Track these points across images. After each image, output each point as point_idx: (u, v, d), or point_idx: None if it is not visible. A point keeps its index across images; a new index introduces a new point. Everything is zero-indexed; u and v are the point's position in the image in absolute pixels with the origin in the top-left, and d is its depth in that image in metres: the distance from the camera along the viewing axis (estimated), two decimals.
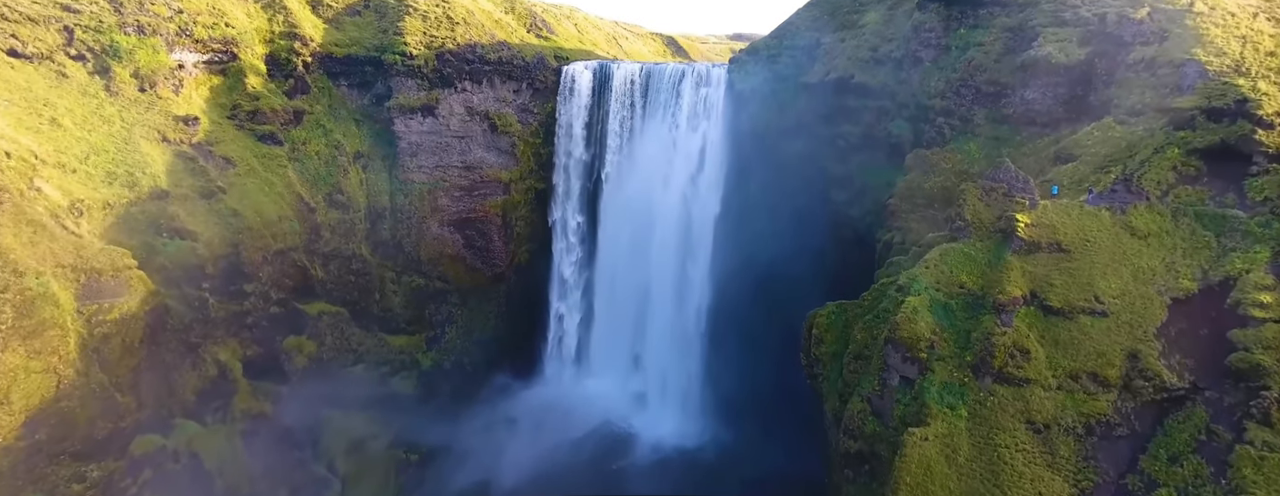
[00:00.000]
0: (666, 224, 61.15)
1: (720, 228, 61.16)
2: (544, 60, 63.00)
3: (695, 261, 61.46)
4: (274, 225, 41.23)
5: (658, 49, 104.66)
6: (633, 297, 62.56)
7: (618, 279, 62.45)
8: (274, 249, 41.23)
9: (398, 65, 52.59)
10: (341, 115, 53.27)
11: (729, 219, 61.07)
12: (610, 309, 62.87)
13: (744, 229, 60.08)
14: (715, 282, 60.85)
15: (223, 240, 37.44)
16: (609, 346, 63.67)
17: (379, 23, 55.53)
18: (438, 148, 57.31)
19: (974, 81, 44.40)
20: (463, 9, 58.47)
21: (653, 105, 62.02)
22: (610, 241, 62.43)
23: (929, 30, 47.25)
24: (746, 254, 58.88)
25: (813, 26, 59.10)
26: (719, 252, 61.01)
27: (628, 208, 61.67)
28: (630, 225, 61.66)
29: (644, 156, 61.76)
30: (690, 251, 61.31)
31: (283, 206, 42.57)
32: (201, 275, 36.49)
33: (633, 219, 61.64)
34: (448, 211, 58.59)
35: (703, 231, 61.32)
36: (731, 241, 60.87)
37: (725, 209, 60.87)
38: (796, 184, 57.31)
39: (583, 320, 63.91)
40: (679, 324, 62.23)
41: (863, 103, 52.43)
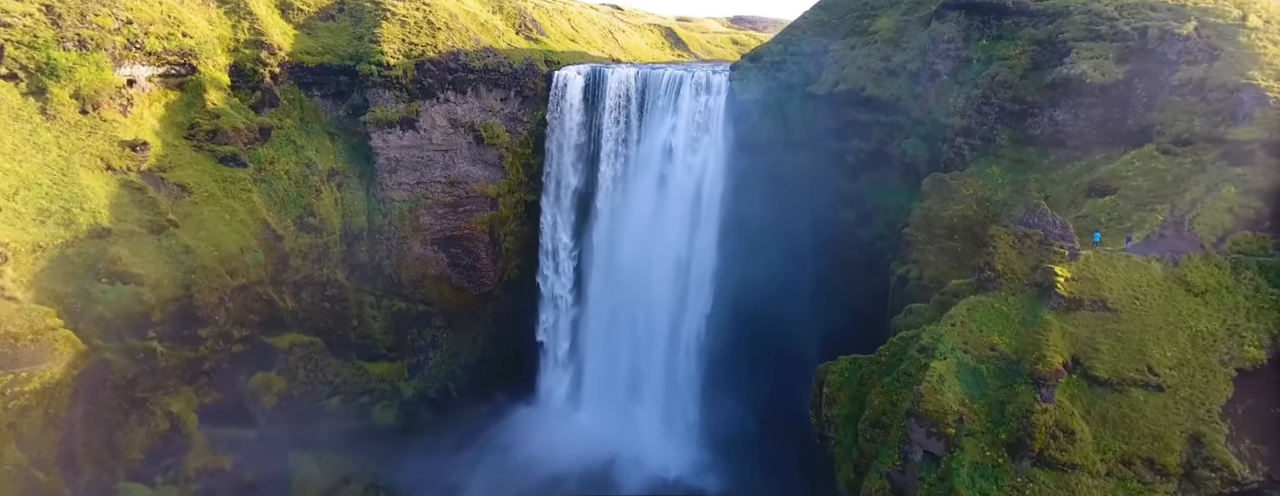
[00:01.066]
0: (664, 242, 57.67)
1: (722, 245, 57.73)
2: (533, 66, 59.19)
3: (695, 281, 58.11)
4: (235, 259, 37.65)
5: (655, 41, 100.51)
6: (629, 319, 59.25)
7: (613, 300, 59.06)
8: (234, 285, 37.71)
9: (373, 76, 48.82)
10: (314, 129, 49.53)
11: (731, 236, 57.63)
12: (605, 331, 59.56)
13: (746, 247, 56.68)
14: (716, 305, 57.59)
15: (173, 281, 33.87)
16: (604, 371, 60.43)
17: (354, 28, 51.60)
18: (419, 163, 53.66)
19: (997, 99, 40.80)
20: (445, 12, 54.54)
21: (649, 115, 58.29)
22: (605, 260, 58.97)
23: (948, 41, 43.54)
24: (749, 274, 55.56)
25: (820, 31, 55.30)
26: (720, 272, 57.66)
27: (623, 225, 58.21)
28: (626, 243, 58.20)
29: (641, 170, 58.19)
30: (690, 271, 57.92)
31: (246, 236, 39.00)
32: (147, 322, 32.89)
33: (629, 237, 58.19)
34: (431, 230, 55.06)
35: (703, 249, 57.87)
36: (733, 260, 57.48)
37: (726, 225, 57.40)
38: (802, 200, 53.83)
39: (575, 343, 60.66)
40: (677, 348, 58.99)
41: (874, 117, 48.80)
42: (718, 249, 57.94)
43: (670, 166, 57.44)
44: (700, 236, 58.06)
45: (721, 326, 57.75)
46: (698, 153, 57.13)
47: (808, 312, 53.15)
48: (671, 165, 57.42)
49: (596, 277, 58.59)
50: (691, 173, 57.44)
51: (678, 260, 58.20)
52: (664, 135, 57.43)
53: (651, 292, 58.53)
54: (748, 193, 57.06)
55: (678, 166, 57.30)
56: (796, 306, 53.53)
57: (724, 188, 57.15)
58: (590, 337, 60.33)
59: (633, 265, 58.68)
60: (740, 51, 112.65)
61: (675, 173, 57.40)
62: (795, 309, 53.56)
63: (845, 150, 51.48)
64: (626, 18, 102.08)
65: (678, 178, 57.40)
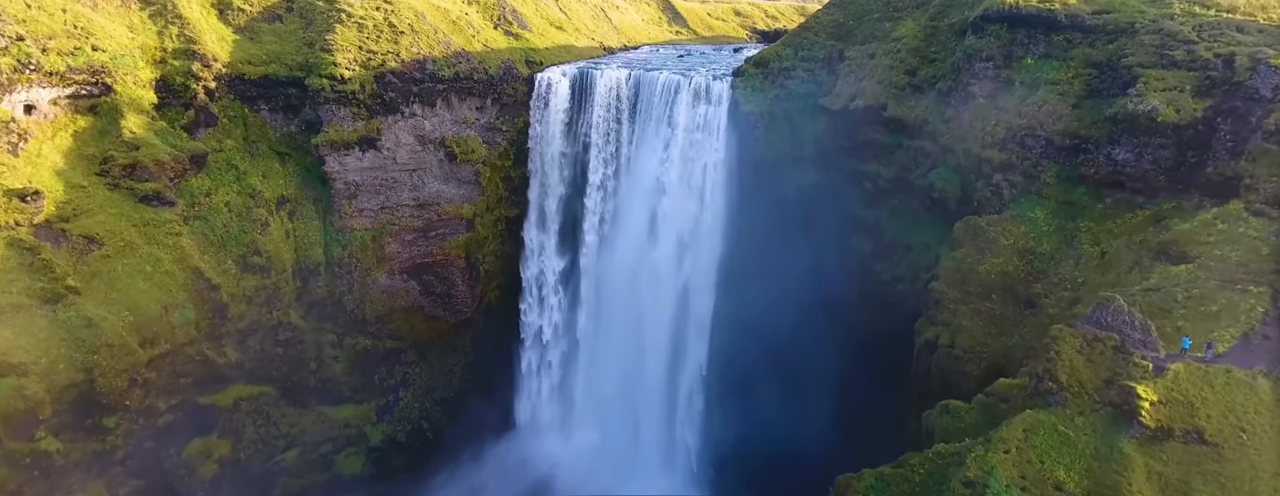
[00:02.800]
0: (661, 267, 52.38)
1: (723, 272, 52.54)
2: (512, 69, 52.87)
3: (695, 311, 52.99)
4: (155, 323, 32.20)
5: (652, 15, 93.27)
6: (622, 350, 54.23)
7: (604, 333, 54.00)
8: (155, 355, 32.24)
9: (326, 91, 42.64)
10: (260, 151, 43.54)
11: (732, 261, 52.28)
12: (596, 365, 54.70)
13: (750, 273, 51.38)
14: (716, 336, 52.57)
15: (70, 365, 28.12)
16: (595, 404, 55.74)
17: (304, 32, 45.11)
18: (382, 185, 47.85)
19: (1043, 130, 35.05)
20: (410, 11, 47.92)
21: (643, 125, 52.27)
22: (594, 290, 53.74)
23: (985, 59, 37.50)
24: (753, 303, 50.46)
25: (834, 34, 49.03)
26: (722, 301, 52.59)
27: (614, 251, 52.81)
28: (619, 269, 52.90)
29: (633, 190, 52.50)
30: (689, 300, 52.76)
31: (171, 291, 33.53)
32: (35, 420, 27.59)
33: (621, 263, 52.86)
34: (398, 259, 49.57)
35: (703, 277, 52.68)
36: (736, 288, 52.32)
37: (727, 251, 52.02)
38: (812, 224, 48.31)
39: (564, 379, 55.81)
40: (674, 381, 54.20)
41: (896, 140, 42.99)
42: (718, 275, 52.66)
43: (666, 186, 51.70)
44: (699, 262, 52.66)
45: (725, 357, 52.98)
46: (696, 170, 51.34)
47: (818, 346, 48.17)
48: (667, 184, 51.70)
49: (585, 310, 53.43)
50: (689, 193, 51.72)
51: (674, 286, 52.95)
52: (658, 150, 51.53)
53: (646, 323, 53.45)
54: (751, 214, 51.53)
55: (674, 186, 51.52)
56: (806, 339, 48.55)
57: (725, 208, 51.61)
58: (581, 372, 55.47)
59: (626, 292, 53.46)
60: (742, 24, 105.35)
61: (671, 192, 51.63)
62: (804, 342, 48.59)
63: (862, 173, 45.80)
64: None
65: (674, 198, 51.65)
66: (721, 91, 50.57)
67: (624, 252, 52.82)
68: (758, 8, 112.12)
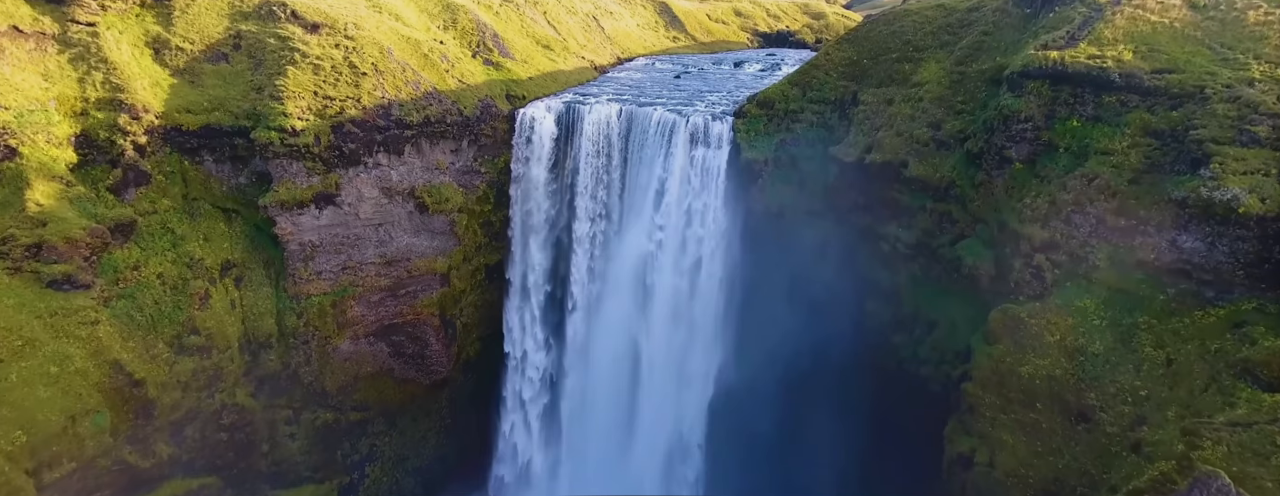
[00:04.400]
0: (655, 325, 47.87)
1: (722, 331, 48.06)
2: (491, 106, 47.92)
3: (692, 372, 48.57)
4: (57, 439, 27.25)
5: (649, 20, 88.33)
6: (612, 413, 49.80)
7: (594, 393, 49.45)
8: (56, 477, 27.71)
9: (275, 145, 37.78)
10: (202, 210, 38.56)
11: (733, 321, 47.89)
12: (584, 427, 50.15)
13: (752, 334, 47.06)
14: (716, 401, 48.14)
15: None
16: (583, 471, 51.34)
17: (253, 74, 40.00)
18: (343, 244, 42.94)
19: (1094, 207, 30.55)
20: (374, 48, 42.85)
21: (635, 168, 47.52)
22: (584, 348, 49.14)
23: (1024, 120, 32.90)
24: (755, 366, 46.18)
25: (846, 74, 44.34)
26: (721, 364, 48.15)
27: (606, 307, 48.19)
28: (610, 328, 48.35)
29: (625, 239, 47.87)
30: (686, 360, 48.31)
31: (82, 395, 28.70)
32: None
33: (613, 320, 48.27)
34: (363, 323, 44.69)
35: (701, 335, 48.15)
36: (736, 349, 47.93)
37: (728, 308, 47.54)
38: (822, 284, 43.80)
39: (550, 440, 51.25)
40: (669, 447, 49.86)
41: (919, 201, 38.44)
42: (717, 334, 48.30)
43: (660, 235, 47.18)
44: (696, 319, 48.14)
45: (724, 426, 48.58)
46: (692, 219, 46.75)
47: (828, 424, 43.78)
48: (661, 234, 47.12)
49: (573, 374, 48.85)
50: (685, 243, 47.17)
51: (669, 344, 48.55)
52: (652, 196, 46.93)
53: (639, 384, 49.11)
54: (754, 269, 47.03)
55: (669, 236, 46.97)
56: (815, 413, 44.16)
57: (725, 262, 46.99)
58: (566, 437, 50.95)
59: (618, 351, 48.96)
60: (743, 26, 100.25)
61: (666, 243, 47.06)
62: (814, 416, 44.19)
63: (878, 234, 41.25)
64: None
65: (669, 249, 47.12)
66: (721, 133, 45.91)
67: (615, 309, 48.25)
68: (759, 6, 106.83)
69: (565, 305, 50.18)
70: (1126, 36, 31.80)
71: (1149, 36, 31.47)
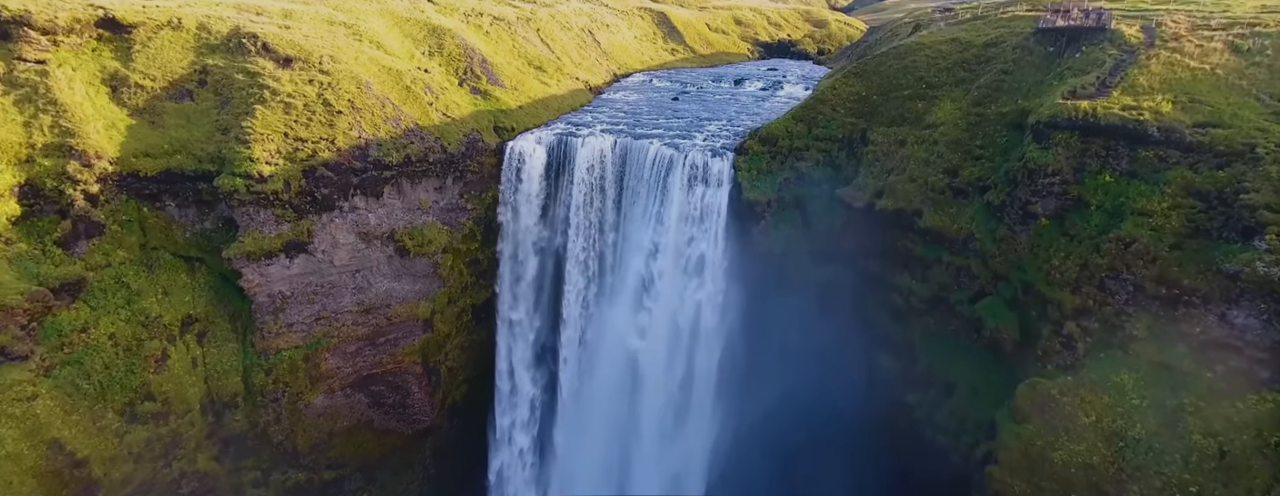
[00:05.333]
0: (651, 384, 45.08)
1: (723, 377, 45.35)
2: (478, 141, 45.15)
3: (691, 422, 45.85)
4: None
5: (646, 31, 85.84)
6: (606, 465, 47.11)
7: (588, 444, 46.73)
8: None
9: (241, 193, 35.09)
10: (161, 260, 35.75)
11: (734, 367, 45.19)
12: (577, 479, 47.40)
13: (755, 380, 44.39)
14: (717, 451, 45.40)
15: None
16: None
17: (219, 113, 37.21)
18: (317, 293, 40.16)
19: (1131, 274, 27.98)
20: (351, 83, 40.07)
21: (630, 206, 44.83)
22: (577, 398, 46.45)
23: (1051, 174, 30.32)
24: (757, 414, 43.54)
25: (855, 110, 41.68)
26: (722, 411, 45.45)
27: (601, 355, 45.48)
28: (605, 377, 45.64)
29: (620, 281, 45.17)
30: (687, 409, 45.60)
31: (10, 486, 25.74)
32: None
33: (608, 368, 45.56)
34: (339, 375, 41.87)
35: (701, 381, 45.41)
36: (738, 396, 45.23)
37: (729, 354, 44.84)
38: (828, 331, 41.15)
39: (542, 491, 48.51)
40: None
41: (934, 253, 35.82)
42: (718, 380, 45.59)
43: (657, 278, 44.41)
44: (696, 365, 45.44)
45: (725, 479, 45.88)
46: (691, 262, 44.06)
47: (835, 480, 41.14)
48: (658, 277, 44.39)
49: (564, 426, 46.12)
50: (684, 286, 44.48)
51: (667, 391, 45.84)
52: (648, 236, 44.20)
53: (637, 435, 46.38)
54: (756, 314, 44.29)
55: (666, 279, 44.26)
56: (822, 473, 41.58)
57: (725, 306, 44.28)
58: (557, 488, 48.16)
59: (613, 400, 46.24)
60: (743, 36, 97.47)
61: (664, 286, 44.36)
62: (821, 475, 41.63)
63: (891, 284, 38.62)
64: (613, 0, 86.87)
65: (667, 293, 44.43)
66: (721, 171, 43.19)
67: (610, 357, 45.54)
68: (760, 14, 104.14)
69: (557, 343, 47.52)
70: (1164, 84, 29.29)
71: (1189, 85, 28.97)
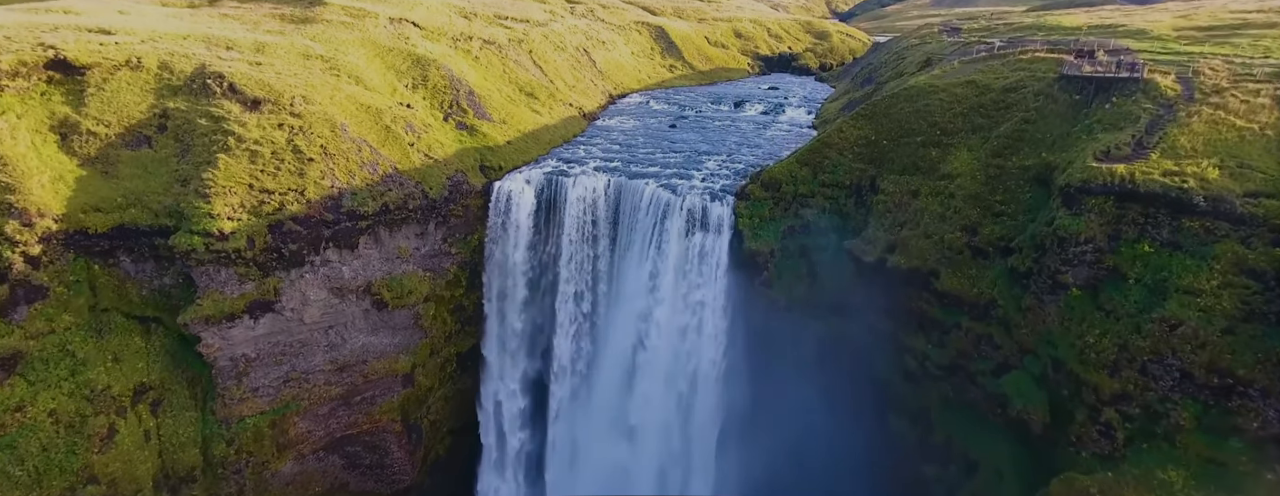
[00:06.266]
0: (647, 433, 42.43)
1: (723, 437, 42.66)
2: (462, 183, 42.35)
3: (689, 487, 43.05)
4: None
5: (644, 46, 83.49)
6: None
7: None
8: None
9: (199, 252, 32.20)
10: (113, 323, 32.90)
11: (735, 427, 42.49)
12: None
13: (757, 442, 41.64)
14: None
15: None
16: None
17: (179, 161, 34.38)
18: (285, 353, 37.30)
19: (1177, 359, 25.32)
20: (324, 128, 37.27)
21: (624, 253, 42.26)
22: (569, 455, 43.68)
23: (1083, 242, 27.75)
24: (760, 479, 40.89)
25: (864, 156, 38.99)
26: (722, 474, 42.71)
27: (592, 414, 42.74)
28: (597, 434, 42.88)
29: (614, 334, 42.49)
30: (687, 474, 42.83)
31: None
32: None
33: (600, 426, 42.82)
34: (311, 439, 39.01)
35: (699, 442, 42.70)
36: (739, 458, 42.49)
37: (730, 414, 42.15)
38: (835, 390, 38.43)
39: None
40: None
41: (952, 318, 33.10)
42: (718, 439, 42.89)
43: (653, 331, 41.73)
44: (694, 425, 42.74)
45: None
46: (689, 313, 41.40)
47: None
48: (655, 330, 41.69)
49: (555, 488, 43.31)
50: (682, 341, 41.78)
51: (664, 454, 43.10)
52: (643, 285, 41.54)
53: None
54: (759, 370, 41.62)
55: (663, 332, 41.55)
56: None
57: (726, 361, 41.60)
58: None
59: (606, 460, 43.48)
60: (743, 49, 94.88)
61: (660, 340, 41.67)
62: None
63: (904, 345, 35.92)
64: (609, 14, 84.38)
65: (664, 347, 41.71)
66: (721, 216, 40.59)
67: (601, 416, 42.78)
68: (760, 26, 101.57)
69: (547, 400, 44.83)
70: (1208, 146, 26.71)
71: (1236, 147, 26.39)
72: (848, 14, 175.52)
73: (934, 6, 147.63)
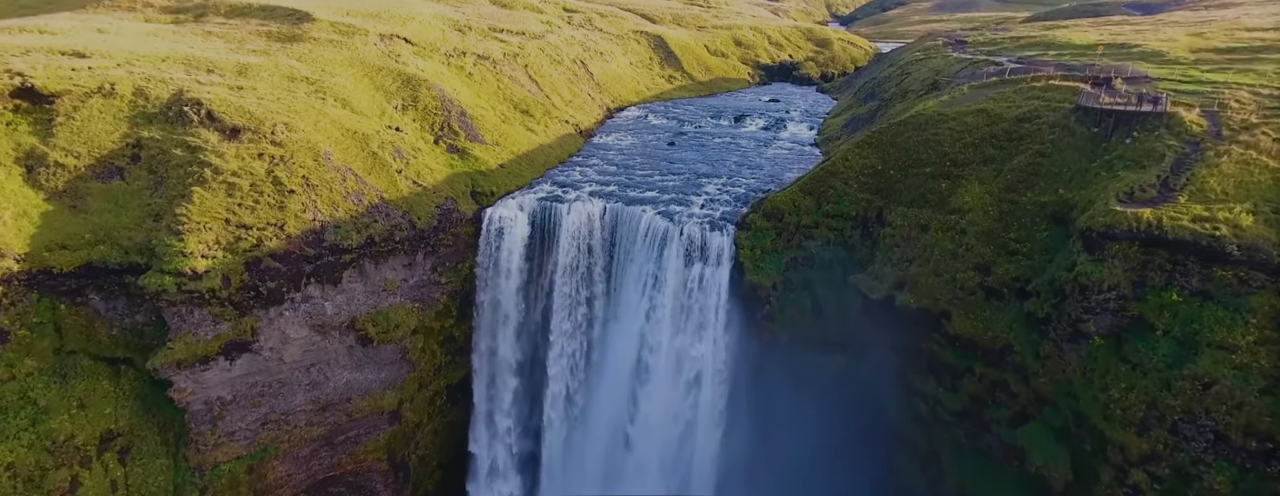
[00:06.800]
0: (644, 474, 40.71)
1: (723, 477, 40.91)
2: (452, 211, 40.67)
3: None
4: None
5: (642, 56, 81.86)
6: None
7: None
8: None
9: (170, 292, 30.59)
10: (79, 366, 31.26)
11: (736, 466, 40.75)
12: None
13: (759, 482, 39.97)
14: None
15: None
16: None
17: (151, 195, 32.75)
18: (263, 394, 35.65)
19: (1210, 419, 23.68)
20: (306, 157, 35.62)
21: (620, 283, 40.58)
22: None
23: (1106, 290, 26.12)
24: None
25: (870, 186, 37.33)
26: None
27: (587, 454, 41.02)
28: (594, 480, 41.14)
29: (610, 368, 40.80)
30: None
31: None
32: None
33: (595, 465, 41.10)
34: (291, 483, 37.19)
35: (698, 482, 40.99)
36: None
37: (730, 452, 40.39)
38: (841, 429, 36.77)
39: None
40: None
41: (966, 363, 31.44)
42: (717, 479, 41.11)
43: (650, 365, 40.05)
44: (692, 463, 41.01)
45: None
46: (688, 347, 39.68)
47: None
48: (652, 364, 40.01)
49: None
50: (680, 373, 40.06)
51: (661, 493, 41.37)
52: (641, 318, 39.87)
53: None
54: (761, 406, 40.01)
55: (661, 366, 39.88)
56: None
57: (727, 397, 39.98)
58: None
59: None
60: (744, 57, 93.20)
61: (658, 374, 39.99)
62: None
63: (913, 387, 34.25)
64: (607, 24, 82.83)
65: (661, 381, 40.02)
66: (722, 247, 38.87)
67: (595, 458, 41.09)
68: (761, 33, 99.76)
69: (540, 440, 43.12)
70: (1240, 189, 25.11)
71: (1271, 191, 24.78)
72: (849, 18, 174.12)
73: (935, 11, 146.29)
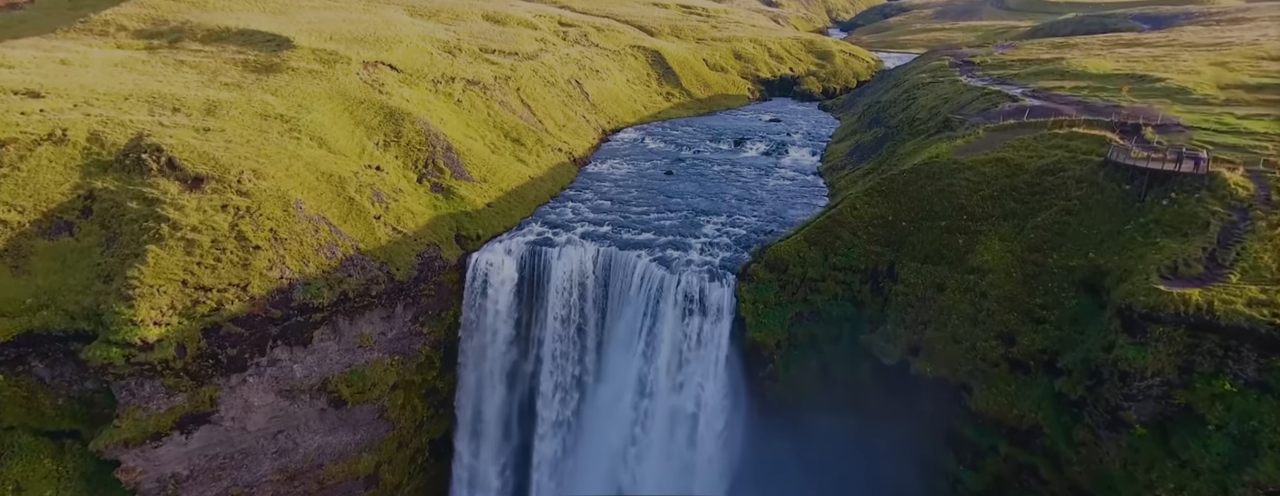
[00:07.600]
0: None
1: None
2: (435, 258, 38.06)
3: None
4: None
5: (639, 72, 79.41)
6: None
7: None
8: None
9: (118, 365, 27.83)
10: (17, 446, 28.46)
11: None
12: None
13: None
14: None
15: None
16: None
17: (102, 253, 30.18)
18: (225, 466, 32.97)
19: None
20: (275, 207, 33.01)
21: (612, 335, 38.06)
22: None
23: (1150, 376, 23.66)
24: None
25: (880, 237, 34.75)
26: None
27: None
28: None
29: (602, 428, 38.16)
30: None
31: None
32: None
33: None
34: None
35: None
36: None
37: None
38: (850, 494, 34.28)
39: None
40: None
41: (990, 441, 28.86)
42: None
43: (645, 424, 37.48)
44: None
45: None
46: (685, 407, 37.11)
47: None
48: (647, 424, 37.45)
49: None
50: (676, 434, 37.46)
51: None
52: (634, 375, 37.29)
53: None
54: (763, 472, 37.41)
55: (656, 426, 37.31)
56: None
57: (726, 461, 37.34)
58: None
59: None
60: (744, 72, 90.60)
61: (653, 434, 37.41)
62: None
63: (931, 461, 31.68)
64: (604, 38, 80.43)
65: (656, 441, 37.44)
66: (721, 300, 36.27)
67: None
68: (761, 46, 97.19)
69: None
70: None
71: None
72: (850, 24, 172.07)
73: (937, 19, 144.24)
